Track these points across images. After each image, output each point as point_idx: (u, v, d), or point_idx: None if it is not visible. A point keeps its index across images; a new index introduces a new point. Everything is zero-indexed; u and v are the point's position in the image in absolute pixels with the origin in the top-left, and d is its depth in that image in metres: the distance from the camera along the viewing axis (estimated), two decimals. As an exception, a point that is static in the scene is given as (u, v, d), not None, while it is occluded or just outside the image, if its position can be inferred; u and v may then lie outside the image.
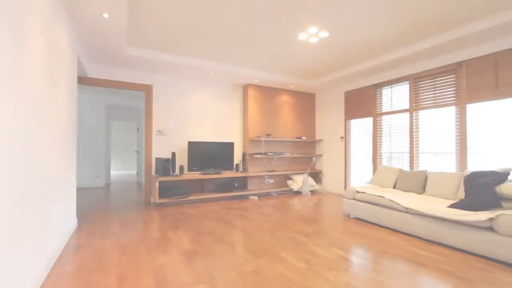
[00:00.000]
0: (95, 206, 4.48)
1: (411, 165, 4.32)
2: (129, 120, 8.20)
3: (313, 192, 5.97)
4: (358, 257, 2.39)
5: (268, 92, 5.86)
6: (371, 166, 5.06)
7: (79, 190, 6.23)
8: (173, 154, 4.67)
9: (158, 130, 4.90)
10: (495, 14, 2.94)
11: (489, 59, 3.42)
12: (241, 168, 5.60)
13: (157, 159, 4.62)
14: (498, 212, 2.33)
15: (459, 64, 3.71)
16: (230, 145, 5.39)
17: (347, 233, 3.09)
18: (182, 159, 5.11)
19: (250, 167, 5.58)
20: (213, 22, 3.19)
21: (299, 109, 6.32)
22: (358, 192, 3.68)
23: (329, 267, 2.18)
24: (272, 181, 5.86)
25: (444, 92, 3.90)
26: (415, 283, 1.93)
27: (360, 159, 5.35)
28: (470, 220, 2.40)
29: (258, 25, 3.24)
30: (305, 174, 5.72)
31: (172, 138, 5.03)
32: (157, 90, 4.91)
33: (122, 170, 11.10)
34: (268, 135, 5.72)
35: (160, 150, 4.92)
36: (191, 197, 4.69)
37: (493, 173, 2.63)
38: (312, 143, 6.55)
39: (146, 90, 4.82)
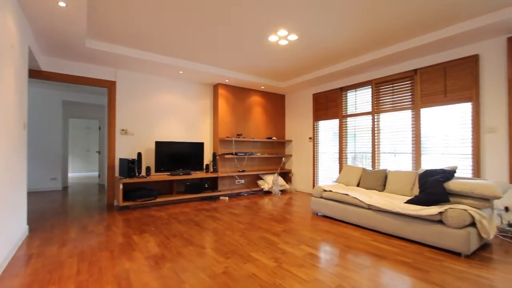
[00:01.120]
0: (51, 211, 4.11)
1: (373, 164, 4.61)
2: (91, 118, 7.65)
3: (283, 191, 6.09)
4: (326, 253, 2.49)
5: (239, 92, 5.86)
6: (337, 165, 5.30)
7: (32, 194, 5.67)
8: (139, 154, 4.46)
9: (123, 129, 4.64)
10: (445, 28, 3.26)
11: (439, 68, 3.77)
12: (211, 169, 5.52)
13: (121, 159, 4.37)
14: (447, 206, 2.59)
15: (415, 71, 4.04)
16: (200, 145, 5.29)
17: (315, 230, 3.20)
18: (149, 160, 4.90)
19: (221, 167, 5.53)
20: (182, 20, 3.11)
21: (270, 110, 6.41)
22: (325, 190, 3.83)
23: (298, 264, 2.24)
24: (242, 181, 5.87)
25: (401, 96, 4.22)
26: (376, 275, 2.06)
27: (328, 159, 5.58)
28: (423, 214, 2.63)
29: (229, 25, 3.23)
30: (276, 174, 5.81)
31: (138, 137, 4.80)
32: (121, 87, 4.65)
33: (82, 172, 10.32)
34: (238, 135, 5.72)
35: (124, 150, 4.66)
36: (159, 199, 4.52)
37: (442, 171, 2.91)
38: (282, 144, 6.68)
39: (109, 86, 4.54)
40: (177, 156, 4.99)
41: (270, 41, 3.71)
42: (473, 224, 2.47)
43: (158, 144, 4.76)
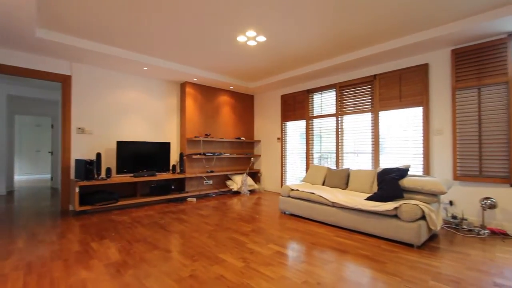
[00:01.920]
0: (-9, 219, 3.66)
1: (337, 163, 4.84)
2: (42, 114, 6.96)
3: (252, 191, 6.12)
4: (293, 251, 2.55)
5: (208, 91, 5.77)
6: (304, 165, 5.47)
7: (-34, 200, 4.99)
8: (98, 155, 4.17)
9: (79, 128, 4.30)
10: (399, 38, 3.54)
11: (395, 74, 4.09)
12: (178, 169, 5.36)
13: (77, 160, 4.04)
14: (401, 202, 2.81)
15: (374, 76, 4.33)
16: (166, 145, 5.10)
17: (283, 229, 3.26)
18: (109, 161, 4.60)
19: (188, 168, 5.39)
20: (147, 13, 2.97)
21: (239, 110, 6.40)
22: (292, 189, 3.93)
23: (266, 263, 2.27)
24: (211, 182, 5.78)
25: (363, 100, 4.50)
26: (339, 269, 2.16)
27: (295, 158, 5.73)
28: (381, 210, 2.82)
29: (197, 22, 3.16)
30: (244, 174, 5.82)
31: (96, 137, 4.48)
32: (78, 82, 4.30)
33: (32, 175, 9.34)
34: (207, 135, 5.62)
35: (81, 150, 4.32)
36: (121, 202, 4.26)
37: (397, 170, 3.15)
38: (251, 144, 6.71)
39: (64, 81, 4.17)
40: (141, 156, 4.76)
41: (239, 41, 3.70)
42: (423, 217, 2.71)
43: (120, 144, 4.49)
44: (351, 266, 2.23)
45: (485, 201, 3.13)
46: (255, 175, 6.56)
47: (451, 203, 3.58)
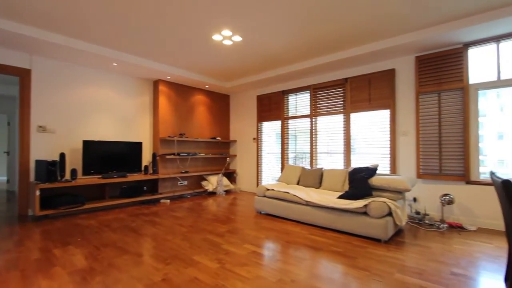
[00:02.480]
0: None
1: (311, 163, 4.97)
2: (-5, 112, 6.35)
3: (227, 192, 6.08)
4: (268, 250, 2.57)
5: (182, 90, 5.63)
6: (280, 165, 5.55)
7: None
8: (62, 155, 3.89)
9: (40, 126, 3.98)
10: (368, 44, 3.72)
11: (365, 78, 4.29)
12: (151, 170, 5.17)
13: (38, 161, 3.74)
14: (370, 199, 2.95)
15: (346, 80, 4.51)
16: (138, 145, 4.90)
17: (259, 228, 3.28)
18: (75, 162, 4.31)
19: (162, 168, 5.22)
20: (116, 7, 2.83)
21: (214, 110, 6.33)
22: (267, 189, 3.97)
23: (241, 263, 2.26)
24: (185, 182, 5.65)
25: (335, 102, 4.66)
26: (313, 266, 2.22)
27: (271, 158, 5.79)
28: (352, 207, 2.94)
29: (170, 19, 3.07)
30: (220, 175, 5.77)
31: (60, 136, 4.18)
32: (38, 77, 3.98)
33: (-18, 177, 8.47)
34: (181, 134, 5.49)
35: (42, 150, 4.00)
36: (88, 206, 4.01)
37: (366, 169, 3.31)
38: (226, 144, 6.67)
39: (23, 75, 3.84)
40: (111, 157, 4.52)
41: (214, 40, 3.66)
42: (390, 214, 2.87)
43: (87, 144, 4.23)
44: (324, 262, 2.30)
45: (444, 197, 3.40)
46: (231, 175, 6.53)
47: (414, 199, 3.83)
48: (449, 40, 3.34)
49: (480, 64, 3.39)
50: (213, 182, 5.75)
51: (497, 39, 3.23)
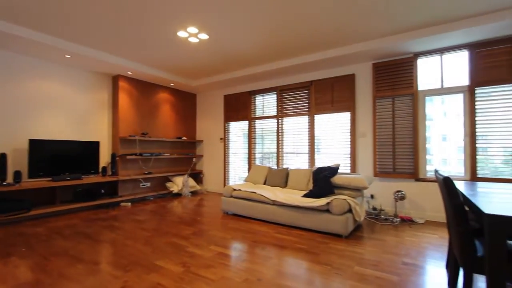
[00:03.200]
0: None
1: (278, 163, 5.07)
2: None
3: (194, 193, 5.93)
4: (234, 251, 2.56)
5: (145, 87, 5.37)
6: (247, 165, 5.56)
7: None
8: (3, 156, 3.47)
9: (-24, 123, 3.50)
10: (330, 50, 3.91)
11: (328, 82, 4.50)
12: (109, 172, 4.84)
13: (-27, 163, 3.28)
14: (332, 197, 3.10)
15: (311, 82, 4.68)
16: (95, 145, 4.55)
17: (225, 229, 3.25)
18: (19, 163, 3.86)
19: (122, 170, 4.91)
20: (72, -6, 2.60)
21: (180, 109, 6.14)
22: (234, 189, 3.95)
23: (207, 265, 2.22)
24: (148, 184, 5.39)
25: (300, 103, 4.81)
26: (279, 264, 2.26)
27: (238, 159, 5.78)
28: (315, 205, 3.06)
29: (132, 12, 2.90)
30: (186, 175, 5.61)
31: (0, 134, 3.71)
32: (-26, 67, 3.49)
33: None
34: (144, 134, 5.23)
35: (-21, 150, 3.52)
36: (35, 212, 3.61)
37: (329, 168, 3.47)
38: (192, 144, 6.50)
39: (-47, 64, 3.33)
40: (63, 157, 4.14)
41: (179, 37, 3.55)
42: (350, 210, 3.04)
43: (34, 143, 3.82)
44: (289, 260, 2.36)
45: (397, 193, 3.70)
46: (197, 176, 6.38)
47: (372, 196, 4.11)
48: (401, 49, 3.64)
49: (427, 72, 3.75)
50: (179, 183, 5.57)
51: (441, 51, 3.61)
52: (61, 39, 3.60)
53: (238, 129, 5.79)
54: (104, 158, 4.89)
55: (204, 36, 3.49)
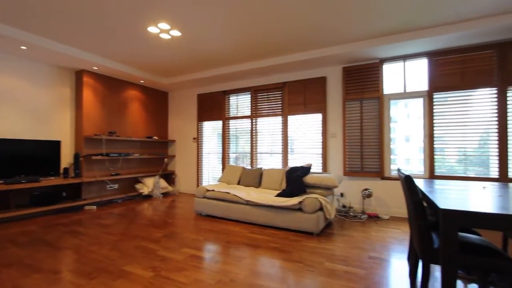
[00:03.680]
0: None
1: (252, 163, 5.09)
2: None
3: (165, 194, 5.74)
4: (208, 252, 2.53)
5: (113, 84, 5.09)
6: (221, 165, 5.51)
7: None
8: None
9: None
10: (303, 52, 4.01)
11: (301, 83, 4.61)
12: (72, 173, 4.52)
13: None
14: (304, 196, 3.18)
15: (284, 84, 4.76)
16: (55, 144, 4.22)
17: (198, 231, 3.19)
18: (-36, 164, 3.46)
19: (86, 171, 4.61)
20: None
21: (151, 107, 5.91)
22: (208, 190, 3.90)
23: (179, 268, 2.17)
24: (116, 186, 5.12)
25: (274, 104, 4.88)
26: (252, 263, 2.27)
27: (212, 159, 5.70)
28: (288, 204, 3.12)
29: (98, 2, 2.74)
30: (157, 176, 5.41)
31: None
32: None
33: None
34: (111, 133, 4.96)
35: None
36: (-17, 218, 3.26)
37: (301, 168, 3.56)
38: (164, 143, 6.30)
39: None
40: (18, 158, 3.79)
41: (150, 32, 3.42)
42: (321, 208, 3.15)
43: (-17, 142, 3.45)
44: (263, 259, 2.37)
45: (364, 191, 3.89)
46: (169, 177, 6.19)
47: (342, 194, 4.28)
48: (368, 55, 3.84)
49: (392, 77, 4.00)
50: (149, 184, 5.37)
51: (404, 58, 3.87)
52: (16, 28, 3.29)
53: (212, 129, 5.72)
54: (66, 158, 4.56)
55: (176, 33, 3.40)
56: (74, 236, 2.96)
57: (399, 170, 1.95)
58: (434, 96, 3.68)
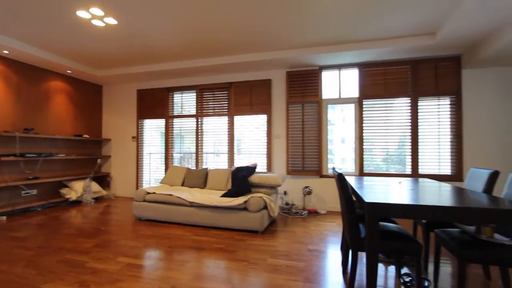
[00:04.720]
0: None
1: (197, 164, 4.95)
2: None
3: (98, 199, 5.16)
4: (147, 259, 2.36)
5: (31, 72, 4.35)
6: (164, 166, 5.21)
7: None
8: None
9: None
10: (249, 54, 4.08)
11: (247, 84, 4.68)
12: (-28, 178, 3.70)
13: None
14: (249, 196, 3.23)
15: (230, 84, 4.76)
16: None
17: (137, 237, 2.96)
18: None
19: (-7, 175, 3.84)
20: None
21: (80, 101, 5.24)
22: (148, 193, 3.65)
23: (113, 280, 1.97)
24: (35, 192, 4.39)
25: (220, 104, 4.84)
26: (196, 267, 2.20)
27: (154, 159, 5.35)
28: (233, 204, 3.13)
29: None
30: (88, 179, 4.82)
31: None
32: None
33: None
34: (28, 129, 4.23)
35: None
36: None
37: (247, 168, 3.61)
38: (97, 143, 5.66)
39: None
40: None
41: (80, 17, 3.03)
42: (265, 207, 3.24)
43: None
44: (207, 261, 2.33)
45: (305, 189, 4.15)
46: (103, 180, 5.59)
47: (285, 193, 4.49)
48: (309, 61, 4.12)
49: (329, 83, 4.36)
50: (78, 188, 4.75)
51: (339, 67, 4.26)
52: None
53: (154, 127, 5.37)
54: (-37, 160, 3.72)
55: (111, 20, 3.08)
56: (-26, 255, 2.43)
57: (334, 168, 2.14)
58: (364, 103, 4.15)
